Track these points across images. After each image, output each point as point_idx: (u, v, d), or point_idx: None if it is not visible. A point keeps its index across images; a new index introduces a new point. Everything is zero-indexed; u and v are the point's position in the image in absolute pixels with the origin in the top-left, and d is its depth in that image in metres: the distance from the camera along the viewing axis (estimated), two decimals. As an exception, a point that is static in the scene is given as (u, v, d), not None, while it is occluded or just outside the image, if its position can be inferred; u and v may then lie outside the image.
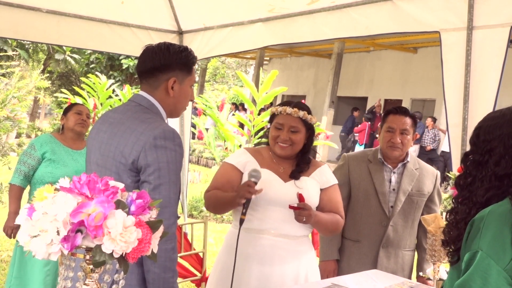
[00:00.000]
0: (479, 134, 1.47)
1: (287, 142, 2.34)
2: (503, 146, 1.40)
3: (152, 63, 1.92)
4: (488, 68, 2.68)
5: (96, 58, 19.97)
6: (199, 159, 14.30)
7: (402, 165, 2.80)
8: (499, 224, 1.33)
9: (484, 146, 1.44)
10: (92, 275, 1.20)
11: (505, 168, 1.39)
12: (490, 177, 1.41)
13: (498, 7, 2.63)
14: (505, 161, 1.39)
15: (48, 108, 27.07)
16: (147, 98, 1.92)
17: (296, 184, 2.35)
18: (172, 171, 1.78)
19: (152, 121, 1.84)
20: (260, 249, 2.30)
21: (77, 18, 3.96)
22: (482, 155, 1.44)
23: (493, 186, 1.41)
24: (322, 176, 2.43)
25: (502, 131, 1.42)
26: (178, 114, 2.04)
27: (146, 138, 1.78)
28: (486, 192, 1.41)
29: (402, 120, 2.74)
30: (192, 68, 1.97)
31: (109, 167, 1.84)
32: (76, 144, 3.41)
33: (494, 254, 1.30)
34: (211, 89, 28.18)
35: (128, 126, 1.84)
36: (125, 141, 1.81)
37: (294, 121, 2.35)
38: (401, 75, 15.54)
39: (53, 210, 1.14)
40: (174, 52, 1.92)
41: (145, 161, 1.77)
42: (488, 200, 1.41)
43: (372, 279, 2.36)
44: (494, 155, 1.42)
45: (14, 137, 13.81)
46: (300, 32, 3.55)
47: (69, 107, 3.47)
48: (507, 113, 1.46)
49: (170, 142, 1.79)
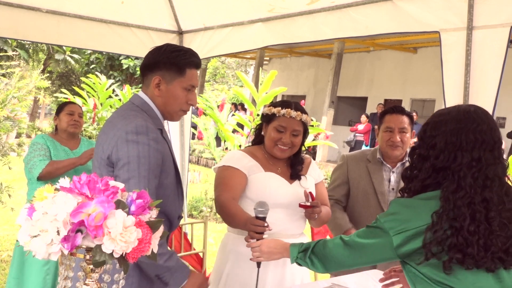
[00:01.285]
0: (426, 130, 1.57)
1: (288, 145, 2.31)
2: (445, 142, 1.50)
3: (144, 61, 1.96)
4: (488, 68, 2.68)
5: (96, 58, 19.98)
6: (199, 159, 14.31)
7: (401, 165, 2.81)
8: (400, 207, 1.52)
9: (429, 141, 1.54)
10: (92, 275, 1.20)
11: (443, 161, 1.49)
12: (428, 169, 1.52)
13: (498, 7, 2.63)
14: (444, 155, 1.49)
15: (48, 108, 27.08)
16: (140, 97, 1.94)
17: (301, 184, 2.37)
18: (143, 166, 1.75)
19: (131, 117, 1.83)
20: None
21: (77, 18, 3.95)
22: (426, 149, 1.54)
23: (429, 176, 1.52)
24: (315, 171, 2.50)
25: (446, 128, 1.51)
26: (172, 117, 1.99)
27: (120, 133, 1.78)
28: (422, 182, 1.53)
29: (399, 119, 2.75)
30: (184, 69, 1.91)
31: (95, 163, 1.87)
32: (71, 143, 3.42)
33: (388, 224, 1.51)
34: (211, 89, 28.18)
35: (113, 123, 1.86)
36: (105, 136, 1.84)
37: (297, 125, 2.31)
38: (401, 75, 15.54)
39: (53, 210, 1.14)
40: (165, 51, 1.91)
41: (116, 155, 1.77)
42: (424, 189, 1.53)
43: (372, 279, 2.37)
44: (436, 149, 1.51)
45: (14, 137, 13.81)
46: (300, 32, 3.55)
47: (61, 107, 3.45)
48: (453, 111, 1.55)
49: (143, 137, 1.77)
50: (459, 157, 1.47)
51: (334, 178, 2.92)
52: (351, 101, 17.54)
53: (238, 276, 2.30)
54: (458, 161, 1.47)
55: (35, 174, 3.14)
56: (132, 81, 19.61)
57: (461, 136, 1.48)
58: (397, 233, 1.49)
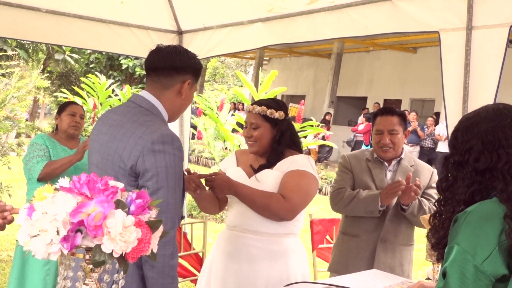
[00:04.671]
0: (457, 136, 1.50)
1: (251, 140, 2.39)
2: (481, 142, 1.43)
3: (171, 62, 1.90)
4: (487, 68, 2.68)
5: (96, 58, 19.98)
6: (198, 159, 14.30)
7: (396, 162, 2.84)
8: (481, 220, 1.34)
9: (463, 146, 1.46)
10: (92, 275, 1.20)
11: (485, 163, 1.41)
12: (471, 173, 1.43)
13: (497, 7, 2.63)
14: (485, 156, 1.41)
15: (48, 108, 27.07)
16: (147, 99, 1.90)
17: (256, 177, 2.34)
18: (171, 176, 1.76)
19: (151, 124, 1.82)
20: (233, 246, 2.34)
21: (76, 18, 3.95)
22: (461, 155, 1.46)
23: (475, 181, 1.43)
24: (284, 164, 2.32)
25: (479, 129, 1.45)
26: (176, 118, 2.04)
27: (144, 143, 1.75)
28: (468, 188, 1.43)
29: (388, 120, 2.77)
30: (200, 75, 2.02)
31: (108, 170, 1.83)
32: (71, 143, 3.41)
33: (471, 250, 1.31)
34: (211, 89, 28.19)
35: (127, 129, 1.82)
36: (123, 144, 1.80)
37: (253, 118, 2.38)
38: (400, 75, 15.56)
39: (52, 210, 1.14)
40: (191, 57, 1.95)
41: (143, 166, 1.74)
42: (471, 197, 1.43)
43: (371, 279, 2.37)
44: (473, 152, 1.44)
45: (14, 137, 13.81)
46: (300, 32, 3.55)
47: (63, 106, 3.44)
48: (481, 111, 1.49)
49: (169, 146, 1.77)
50: (503, 155, 1.40)
51: (338, 173, 2.92)
52: (350, 101, 17.55)
53: (225, 271, 2.34)
54: (503, 159, 1.40)
55: (35, 176, 3.15)
56: (132, 81, 19.60)
57: (498, 134, 1.42)
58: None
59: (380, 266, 2.70)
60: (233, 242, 2.35)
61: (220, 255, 2.39)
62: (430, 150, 12.53)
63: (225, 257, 2.36)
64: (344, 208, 2.77)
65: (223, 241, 2.42)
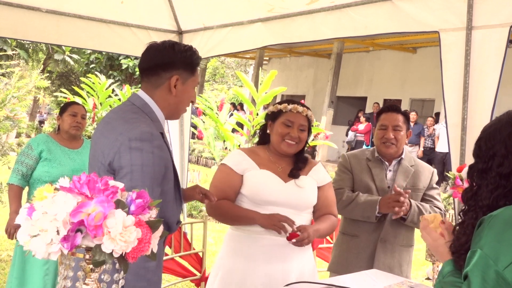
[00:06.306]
0: (481, 145, 1.48)
1: (295, 140, 2.36)
2: (505, 147, 1.42)
3: (156, 60, 1.87)
4: (487, 68, 2.69)
5: (96, 58, 19.99)
6: (198, 159, 14.31)
7: (397, 162, 2.84)
8: (505, 226, 1.33)
9: (487, 153, 1.45)
10: (92, 275, 1.20)
11: (509, 167, 1.40)
12: (494, 178, 1.42)
13: (497, 7, 2.64)
14: (508, 160, 1.40)
15: (48, 108, 27.08)
16: (141, 98, 1.87)
17: (296, 183, 2.36)
18: (147, 175, 1.70)
19: (135, 121, 1.77)
20: (264, 249, 2.30)
21: (76, 18, 3.96)
22: (485, 162, 1.45)
23: (499, 185, 1.41)
24: (318, 174, 2.46)
25: (502, 134, 1.44)
26: (178, 116, 1.98)
27: (123, 139, 1.71)
28: (492, 193, 1.41)
29: (393, 117, 2.78)
30: (196, 68, 1.92)
31: (94, 167, 1.80)
32: (73, 143, 3.41)
33: (494, 255, 1.30)
34: (211, 89, 28.18)
35: (113, 125, 1.79)
36: (106, 140, 1.76)
37: (303, 120, 2.37)
38: (400, 75, 15.54)
39: (53, 210, 1.14)
40: (179, 51, 1.87)
41: (118, 163, 1.70)
42: (495, 201, 1.41)
43: (371, 279, 2.37)
44: (497, 157, 1.42)
45: (14, 137, 13.82)
46: (300, 32, 3.56)
47: (65, 107, 3.44)
48: (502, 118, 1.48)
49: (147, 144, 1.71)
50: None
51: (338, 173, 2.92)
52: (350, 101, 17.54)
53: (237, 273, 2.31)
54: None
55: (10, 179, 3.26)
56: (132, 81, 19.61)
57: None
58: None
59: (380, 266, 2.70)
60: (261, 245, 2.31)
61: (245, 260, 2.31)
62: (430, 150, 12.53)
63: (251, 261, 2.29)
64: (342, 210, 2.77)
65: (246, 245, 2.32)
